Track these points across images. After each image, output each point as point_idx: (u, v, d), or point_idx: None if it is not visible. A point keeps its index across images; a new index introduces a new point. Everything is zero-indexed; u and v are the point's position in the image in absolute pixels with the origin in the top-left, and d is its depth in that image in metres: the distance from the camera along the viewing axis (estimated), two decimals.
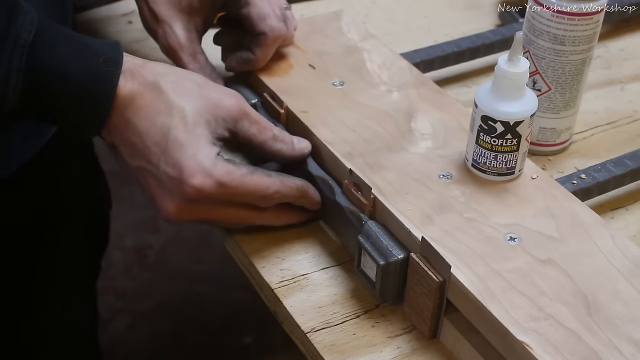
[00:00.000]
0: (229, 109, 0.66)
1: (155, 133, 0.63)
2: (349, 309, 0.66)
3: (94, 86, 0.62)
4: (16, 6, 0.61)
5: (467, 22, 1.03)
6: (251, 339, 1.69)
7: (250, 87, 0.80)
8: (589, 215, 0.65)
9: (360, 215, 0.66)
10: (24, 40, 0.60)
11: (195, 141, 0.63)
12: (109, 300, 1.75)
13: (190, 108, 0.64)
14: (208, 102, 0.65)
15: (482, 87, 0.67)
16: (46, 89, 0.62)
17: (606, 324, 0.57)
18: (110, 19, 1.01)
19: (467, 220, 0.64)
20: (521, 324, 0.56)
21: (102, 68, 0.62)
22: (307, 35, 0.85)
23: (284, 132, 0.71)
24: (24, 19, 0.61)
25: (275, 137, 0.69)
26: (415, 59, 0.87)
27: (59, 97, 0.62)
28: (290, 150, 0.70)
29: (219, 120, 0.65)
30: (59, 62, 0.61)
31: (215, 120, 0.65)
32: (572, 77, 0.77)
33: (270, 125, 0.69)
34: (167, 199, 0.64)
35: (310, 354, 0.64)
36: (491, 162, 0.67)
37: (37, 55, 0.61)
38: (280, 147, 0.69)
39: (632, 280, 0.60)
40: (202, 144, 0.63)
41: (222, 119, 0.65)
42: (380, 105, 0.76)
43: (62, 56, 0.61)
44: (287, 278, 0.69)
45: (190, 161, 0.63)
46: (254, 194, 0.65)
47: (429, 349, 0.64)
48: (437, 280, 0.60)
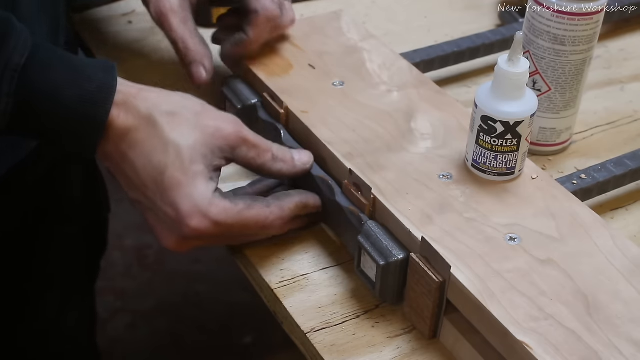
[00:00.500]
0: (226, 138, 0.65)
1: (152, 170, 0.63)
2: (349, 309, 0.66)
3: (85, 112, 0.61)
4: (10, 27, 0.60)
5: (467, 22, 1.03)
6: (251, 339, 1.68)
7: (250, 87, 0.80)
8: (589, 215, 0.65)
9: (360, 215, 0.66)
10: (16, 64, 0.59)
11: (192, 180, 0.62)
12: (108, 301, 1.75)
13: (185, 144, 0.63)
14: (204, 133, 0.64)
15: (482, 87, 0.67)
16: (37, 111, 0.61)
17: (606, 324, 0.57)
18: (110, 19, 1.01)
19: (467, 221, 0.64)
20: (521, 324, 0.56)
21: (95, 94, 0.61)
22: (307, 35, 0.85)
23: (284, 149, 0.70)
24: (17, 42, 0.60)
25: (274, 157, 0.68)
26: (415, 59, 0.87)
27: (49, 120, 0.61)
28: (291, 169, 0.69)
29: (216, 150, 0.64)
30: (51, 87, 0.60)
31: (212, 151, 0.64)
32: (572, 77, 0.77)
33: (268, 145, 0.68)
34: (166, 234, 0.64)
35: (310, 354, 0.64)
36: (491, 162, 0.67)
37: (29, 78, 0.60)
38: (280, 167, 0.68)
39: (632, 280, 0.60)
40: (198, 183, 0.63)
41: (219, 149, 0.65)
42: (380, 105, 0.76)
43: (54, 80, 0.61)
44: (287, 278, 0.68)
45: (187, 202, 0.62)
46: (254, 226, 0.65)
47: (429, 349, 0.64)
48: (437, 281, 0.60)
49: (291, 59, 0.81)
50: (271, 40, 0.82)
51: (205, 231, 0.63)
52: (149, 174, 0.63)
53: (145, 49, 0.96)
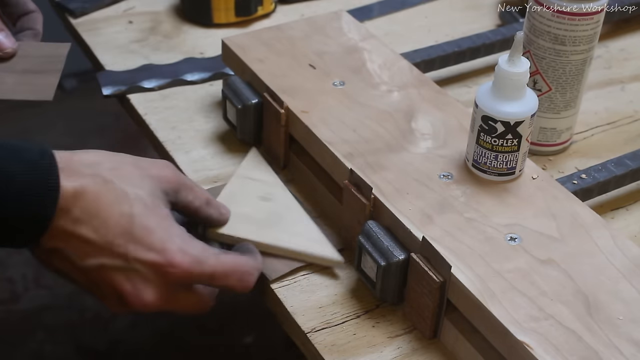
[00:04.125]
0: (169, 182, 0.64)
1: (115, 224, 0.59)
2: (349, 309, 0.66)
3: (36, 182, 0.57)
4: None
5: (468, 22, 1.03)
6: (251, 339, 1.68)
7: (250, 87, 0.80)
8: (589, 215, 0.65)
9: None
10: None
11: (163, 223, 0.61)
12: None
13: (143, 192, 0.61)
14: (152, 179, 0.63)
15: (483, 87, 0.67)
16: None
17: (606, 324, 0.57)
18: (110, 19, 1.01)
19: (468, 220, 0.64)
20: (521, 324, 0.56)
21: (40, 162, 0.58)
22: (307, 35, 0.85)
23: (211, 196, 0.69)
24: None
25: (208, 202, 0.67)
26: (416, 59, 0.87)
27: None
28: (218, 215, 0.68)
29: (164, 195, 0.63)
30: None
31: (164, 196, 0.63)
32: (573, 77, 0.77)
33: (202, 189, 0.67)
34: (143, 289, 0.60)
35: (310, 354, 0.64)
36: (492, 162, 0.67)
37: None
38: (211, 212, 0.68)
39: (633, 280, 0.60)
40: (170, 225, 0.61)
41: (165, 192, 0.63)
42: (380, 105, 0.76)
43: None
44: (287, 278, 0.68)
45: (167, 241, 0.60)
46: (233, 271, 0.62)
47: (429, 349, 0.64)
48: (438, 281, 0.60)
49: (291, 59, 0.81)
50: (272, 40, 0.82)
51: (188, 269, 0.60)
52: (114, 229, 0.59)
53: (145, 48, 0.96)
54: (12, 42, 0.82)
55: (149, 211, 0.60)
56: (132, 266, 0.60)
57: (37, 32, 0.86)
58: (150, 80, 0.89)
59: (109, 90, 0.88)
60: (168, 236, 0.60)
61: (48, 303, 1.67)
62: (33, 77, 0.81)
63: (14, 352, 1.57)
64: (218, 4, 0.98)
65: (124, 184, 0.60)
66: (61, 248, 0.59)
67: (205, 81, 0.91)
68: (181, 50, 0.96)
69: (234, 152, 0.81)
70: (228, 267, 0.62)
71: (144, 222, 0.60)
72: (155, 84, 0.89)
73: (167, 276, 0.60)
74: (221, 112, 0.83)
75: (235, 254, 0.64)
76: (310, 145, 0.73)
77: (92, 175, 0.60)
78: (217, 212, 0.68)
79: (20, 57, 0.82)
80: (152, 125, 0.84)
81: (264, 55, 0.81)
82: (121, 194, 0.60)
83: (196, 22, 1.00)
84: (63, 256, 0.60)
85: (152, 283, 0.60)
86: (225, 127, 0.84)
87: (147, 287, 0.60)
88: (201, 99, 0.88)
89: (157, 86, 0.89)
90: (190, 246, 0.61)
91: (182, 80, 0.90)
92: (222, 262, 0.62)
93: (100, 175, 0.60)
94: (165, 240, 0.60)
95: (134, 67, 0.92)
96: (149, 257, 0.59)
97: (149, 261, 0.59)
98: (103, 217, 0.59)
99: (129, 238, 0.59)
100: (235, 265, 0.63)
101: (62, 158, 0.59)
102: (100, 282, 0.61)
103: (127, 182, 0.61)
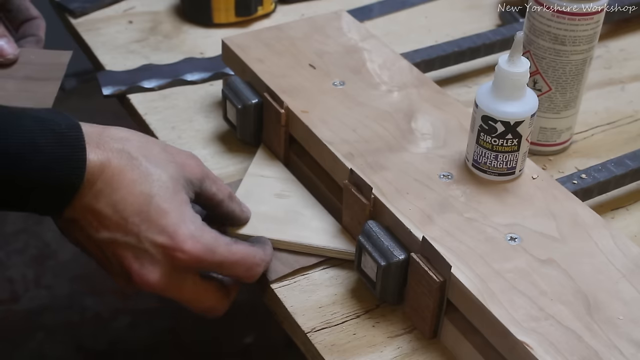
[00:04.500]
0: (194, 171, 0.65)
1: (133, 202, 0.60)
2: (349, 309, 0.66)
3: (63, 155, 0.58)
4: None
5: (468, 22, 1.03)
6: (251, 339, 1.68)
7: (250, 87, 0.80)
8: (589, 215, 0.65)
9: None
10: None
11: (179, 208, 0.61)
12: (108, 301, 1.75)
13: (166, 175, 0.62)
14: (177, 165, 0.63)
15: (483, 87, 0.67)
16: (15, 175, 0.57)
17: (607, 324, 0.57)
18: (110, 19, 1.01)
19: (468, 220, 0.64)
20: (521, 324, 0.56)
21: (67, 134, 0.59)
22: (307, 35, 0.85)
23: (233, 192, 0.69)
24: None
25: (231, 196, 0.68)
26: (416, 59, 0.87)
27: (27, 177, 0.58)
28: (240, 211, 0.69)
29: (189, 183, 0.64)
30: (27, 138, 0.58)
31: (187, 184, 0.64)
32: (573, 77, 0.77)
33: (224, 184, 0.68)
34: (149, 269, 0.61)
35: (310, 354, 0.64)
36: (492, 162, 0.67)
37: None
38: (234, 207, 0.68)
39: (633, 280, 0.60)
40: (186, 210, 0.62)
41: (190, 181, 0.64)
42: (380, 105, 0.76)
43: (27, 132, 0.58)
44: (288, 278, 0.68)
45: (179, 226, 0.60)
46: (242, 262, 0.63)
47: (429, 348, 0.64)
48: (438, 281, 0.60)
49: (291, 59, 0.81)
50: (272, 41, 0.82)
51: (198, 256, 0.61)
52: (131, 207, 0.60)
53: (145, 48, 0.96)
54: (14, 48, 0.82)
55: (168, 194, 0.61)
56: (142, 245, 0.61)
57: (40, 39, 0.86)
58: (150, 80, 0.89)
59: (109, 90, 0.88)
60: (182, 221, 0.61)
61: (48, 303, 1.67)
62: (33, 84, 0.81)
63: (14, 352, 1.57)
64: (218, 4, 0.98)
65: (149, 164, 0.62)
66: (78, 219, 0.61)
67: (205, 81, 0.91)
68: (181, 50, 0.96)
69: (234, 152, 0.81)
70: (238, 257, 0.63)
71: (160, 204, 0.61)
72: (155, 84, 0.89)
73: (175, 260, 0.61)
74: (221, 112, 0.83)
75: (245, 244, 0.65)
76: (310, 145, 0.73)
77: (119, 150, 0.61)
78: (239, 207, 0.69)
79: (21, 64, 0.82)
80: (152, 125, 0.84)
81: (264, 55, 0.81)
82: (145, 173, 0.61)
83: (196, 22, 1.00)
84: (80, 226, 0.62)
85: (159, 264, 0.61)
86: (225, 127, 0.84)
87: (153, 268, 0.61)
88: (201, 99, 0.88)
89: (157, 86, 0.89)
90: (203, 233, 0.61)
91: (182, 80, 0.90)
92: (232, 252, 0.63)
93: (127, 151, 0.61)
94: (178, 225, 0.61)
95: (134, 67, 0.92)
96: (160, 239, 0.60)
97: (159, 243, 0.60)
98: (123, 193, 0.60)
99: (144, 217, 0.60)
100: (244, 256, 0.63)
101: (93, 132, 0.61)
102: (110, 256, 0.62)
103: (153, 163, 0.62)
